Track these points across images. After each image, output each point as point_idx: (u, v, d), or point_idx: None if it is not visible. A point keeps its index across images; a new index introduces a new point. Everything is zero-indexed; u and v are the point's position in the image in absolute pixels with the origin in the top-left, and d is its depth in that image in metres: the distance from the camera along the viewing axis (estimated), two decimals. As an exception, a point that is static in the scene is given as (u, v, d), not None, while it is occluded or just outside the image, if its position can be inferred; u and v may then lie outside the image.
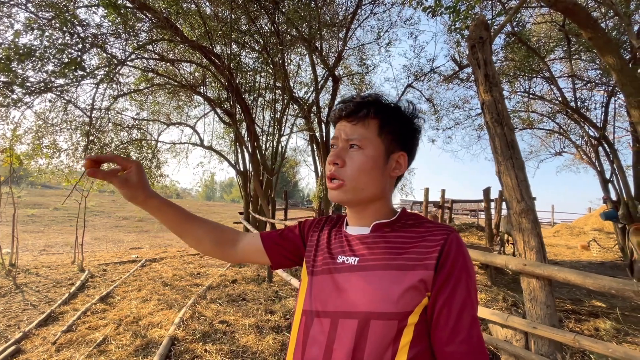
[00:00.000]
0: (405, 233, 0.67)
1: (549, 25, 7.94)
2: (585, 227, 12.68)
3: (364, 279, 0.63)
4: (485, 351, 0.59)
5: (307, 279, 0.73)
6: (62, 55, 4.52)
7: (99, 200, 21.37)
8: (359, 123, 0.68)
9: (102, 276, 5.82)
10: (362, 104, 0.68)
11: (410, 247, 0.64)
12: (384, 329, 0.58)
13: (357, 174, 0.66)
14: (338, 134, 0.70)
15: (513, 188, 1.89)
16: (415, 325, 0.59)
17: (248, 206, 8.41)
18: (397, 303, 0.59)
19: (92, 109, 6.09)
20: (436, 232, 0.64)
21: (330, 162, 0.68)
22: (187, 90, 8.28)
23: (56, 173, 7.27)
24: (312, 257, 0.75)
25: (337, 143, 0.70)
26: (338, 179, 0.67)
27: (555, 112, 9.14)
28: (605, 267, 7.59)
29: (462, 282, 0.60)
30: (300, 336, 0.67)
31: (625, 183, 6.89)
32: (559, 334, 1.60)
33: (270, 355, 2.83)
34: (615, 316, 3.85)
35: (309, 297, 0.69)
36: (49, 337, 3.28)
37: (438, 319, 0.59)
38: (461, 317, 0.58)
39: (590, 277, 1.46)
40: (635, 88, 4.18)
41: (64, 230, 13.53)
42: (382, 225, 0.69)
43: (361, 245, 0.68)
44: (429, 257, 0.61)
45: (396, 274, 0.61)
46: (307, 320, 0.67)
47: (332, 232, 0.77)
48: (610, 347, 1.39)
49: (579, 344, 1.50)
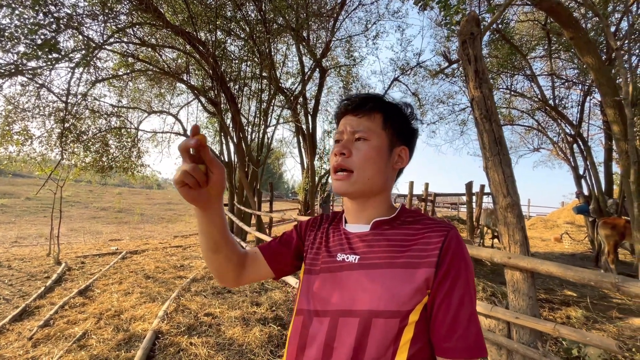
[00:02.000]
0: (405, 230, 0.67)
1: (531, 23, 8.14)
2: (559, 221, 13.29)
3: (366, 278, 0.63)
4: (483, 347, 0.59)
5: (305, 278, 0.72)
6: (34, 35, 4.24)
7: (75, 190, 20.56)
8: (365, 116, 0.70)
9: (81, 269, 5.63)
10: (367, 99, 0.71)
11: (411, 245, 0.64)
12: (386, 327, 0.58)
13: (364, 163, 0.67)
14: (343, 127, 0.71)
15: (500, 183, 1.94)
16: (416, 323, 0.59)
17: (233, 198, 8.30)
18: (400, 301, 0.59)
19: (67, 94, 5.79)
20: (436, 229, 0.64)
21: (337, 153, 0.68)
22: (170, 78, 8.00)
23: (28, 161, 6.90)
24: (310, 256, 0.74)
25: (342, 137, 0.70)
26: (346, 169, 0.67)
27: (535, 110, 9.45)
28: (576, 258, 8.00)
29: (461, 278, 0.60)
30: (298, 336, 0.67)
31: (597, 179, 7.25)
32: (540, 324, 1.68)
33: (257, 347, 2.83)
34: (585, 304, 4.08)
35: (307, 296, 0.69)
36: (25, 332, 3.15)
37: (437, 314, 0.59)
38: (459, 313, 0.58)
39: (571, 270, 1.53)
40: (611, 88, 4.36)
41: (38, 221, 12.96)
42: (381, 223, 0.69)
43: (361, 243, 0.68)
44: (431, 254, 0.61)
45: (400, 273, 0.61)
46: (306, 320, 0.67)
47: (329, 230, 0.76)
48: (588, 336, 1.47)
49: (558, 333, 1.58)
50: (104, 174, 7.96)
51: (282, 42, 8.42)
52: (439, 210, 18.87)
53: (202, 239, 0.69)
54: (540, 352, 1.72)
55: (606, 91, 4.33)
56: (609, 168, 7.58)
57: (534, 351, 1.75)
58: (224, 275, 0.74)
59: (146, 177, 9.53)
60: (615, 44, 3.97)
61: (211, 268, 0.74)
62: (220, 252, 0.70)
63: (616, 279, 1.33)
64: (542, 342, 1.79)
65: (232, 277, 0.75)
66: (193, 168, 0.55)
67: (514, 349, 1.84)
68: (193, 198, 0.59)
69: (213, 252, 0.70)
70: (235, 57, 7.78)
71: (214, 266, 0.73)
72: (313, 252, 0.75)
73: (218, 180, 0.60)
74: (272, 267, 0.78)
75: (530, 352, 1.76)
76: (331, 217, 0.80)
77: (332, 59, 9.70)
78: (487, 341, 1.94)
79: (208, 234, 0.67)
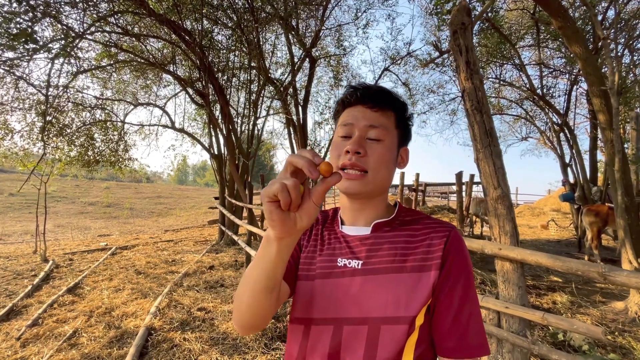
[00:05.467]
0: (406, 232, 0.65)
1: (520, 12, 8.14)
2: (545, 208, 13.62)
3: (372, 284, 0.61)
4: (485, 345, 0.59)
5: (299, 284, 0.68)
6: (9, 24, 4.04)
7: (61, 185, 20.07)
8: (380, 111, 0.65)
9: (69, 266, 5.53)
10: (383, 92, 0.66)
11: (414, 248, 0.63)
12: (395, 333, 0.57)
13: (379, 165, 0.63)
14: (354, 119, 0.64)
15: (490, 175, 1.95)
16: (421, 326, 0.59)
17: (224, 191, 8.22)
18: (408, 307, 0.58)
19: (47, 86, 5.57)
20: (438, 229, 0.64)
21: (351, 151, 0.61)
22: (155, 69, 7.76)
23: (9, 156, 6.67)
24: (303, 261, 0.70)
25: (352, 130, 0.64)
26: (360, 168, 0.62)
27: (523, 99, 9.55)
28: (561, 245, 8.24)
29: (462, 279, 0.60)
30: (298, 346, 0.64)
31: (583, 167, 7.41)
32: (529, 313, 1.72)
33: (251, 340, 2.84)
34: (571, 289, 4.22)
35: (304, 304, 0.65)
36: (12, 332, 3.09)
37: (439, 314, 0.59)
38: (461, 312, 0.59)
39: (559, 260, 1.56)
40: (598, 77, 4.41)
41: (22, 218, 12.64)
42: (382, 225, 0.67)
43: (362, 247, 0.65)
44: (435, 256, 0.61)
45: (406, 277, 0.60)
46: (304, 329, 0.64)
47: (324, 233, 0.72)
48: (575, 324, 1.51)
49: (547, 322, 1.62)
50: (90, 168, 7.76)
51: (270, 31, 8.23)
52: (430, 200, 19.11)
53: (260, 275, 0.53)
54: (529, 340, 1.77)
55: (593, 80, 4.38)
56: (594, 156, 7.75)
57: (523, 339, 1.80)
58: (267, 318, 0.60)
59: (134, 171, 9.33)
60: (603, 33, 4.00)
61: (256, 311, 0.58)
62: (275, 291, 0.57)
63: (603, 268, 1.36)
64: (531, 330, 1.84)
65: (270, 317, 0.62)
66: (295, 185, 0.45)
67: (504, 338, 1.89)
68: (280, 219, 0.46)
69: (269, 291, 0.55)
70: (222, 47, 7.58)
71: (263, 307, 0.57)
72: (306, 257, 0.70)
73: (314, 209, 0.48)
74: (289, 284, 0.67)
75: (519, 340, 1.81)
76: (323, 218, 0.75)
77: (322, 48, 9.55)
78: (478, 330, 1.99)
79: (271, 269, 0.53)
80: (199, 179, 63.29)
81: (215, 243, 7.72)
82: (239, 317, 0.59)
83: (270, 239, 0.50)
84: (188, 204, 20.58)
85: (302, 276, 0.69)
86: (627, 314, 3.43)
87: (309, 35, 8.24)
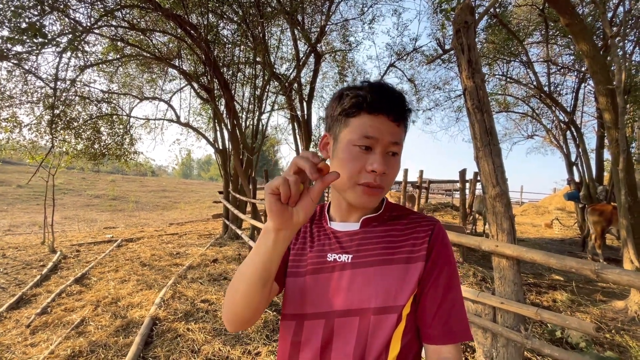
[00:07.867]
0: (393, 226, 0.68)
1: (528, 8, 8.03)
2: (550, 207, 13.51)
3: (362, 276, 0.63)
4: (467, 331, 0.63)
5: (289, 281, 0.69)
6: (18, 19, 4.10)
7: (68, 178, 20.34)
8: (401, 124, 0.64)
9: (76, 257, 5.65)
10: (404, 102, 0.64)
11: (402, 241, 0.66)
12: (385, 323, 0.60)
13: (393, 180, 0.65)
14: (379, 134, 0.61)
15: (489, 173, 1.97)
16: (408, 315, 0.62)
17: (228, 185, 8.29)
18: (396, 297, 0.61)
19: (55, 79, 5.65)
20: (423, 223, 0.67)
21: (379, 172, 0.61)
22: (161, 63, 7.81)
23: (18, 149, 6.79)
24: (292, 258, 0.72)
25: (375, 144, 0.61)
26: (382, 187, 0.63)
27: (530, 96, 9.44)
28: (565, 244, 8.21)
29: (445, 269, 0.64)
30: (289, 343, 0.65)
31: (589, 166, 7.34)
32: (523, 308, 1.75)
33: (253, 332, 2.90)
34: (571, 288, 4.23)
35: (295, 300, 0.67)
36: (22, 320, 3.19)
37: (424, 302, 0.63)
38: (445, 300, 0.62)
39: (553, 257, 1.58)
40: (605, 76, 4.36)
41: (30, 209, 12.86)
42: (370, 220, 0.70)
43: (351, 242, 0.67)
44: (420, 249, 0.64)
45: (394, 269, 0.63)
46: (295, 325, 0.65)
47: (313, 230, 0.73)
48: (567, 319, 1.54)
49: (540, 317, 1.65)
50: (96, 161, 7.88)
51: (276, 25, 8.23)
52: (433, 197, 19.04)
53: (256, 267, 0.55)
54: (522, 335, 1.80)
55: (599, 79, 4.34)
56: (601, 155, 7.66)
57: (516, 334, 1.83)
58: (258, 312, 0.61)
59: (140, 165, 9.44)
60: (611, 31, 3.95)
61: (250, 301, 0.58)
62: (268, 284, 0.58)
63: (596, 266, 1.39)
64: (525, 325, 1.87)
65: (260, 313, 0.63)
66: (296, 181, 0.49)
67: (499, 332, 1.92)
68: (278, 210, 0.50)
69: (264, 284, 0.57)
70: (228, 42, 7.60)
71: (256, 299, 0.58)
72: (295, 254, 0.72)
73: (311, 206, 0.52)
74: (278, 281, 0.69)
75: (513, 335, 1.84)
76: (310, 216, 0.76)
77: (328, 43, 9.52)
78: (474, 325, 2.02)
79: (267, 262, 0.55)
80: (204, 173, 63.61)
81: (219, 237, 7.81)
82: (232, 307, 0.60)
83: (269, 229, 0.53)
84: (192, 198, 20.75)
85: (292, 273, 0.70)
86: (627, 313, 3.44)
87: (314, 30, 8.22)
